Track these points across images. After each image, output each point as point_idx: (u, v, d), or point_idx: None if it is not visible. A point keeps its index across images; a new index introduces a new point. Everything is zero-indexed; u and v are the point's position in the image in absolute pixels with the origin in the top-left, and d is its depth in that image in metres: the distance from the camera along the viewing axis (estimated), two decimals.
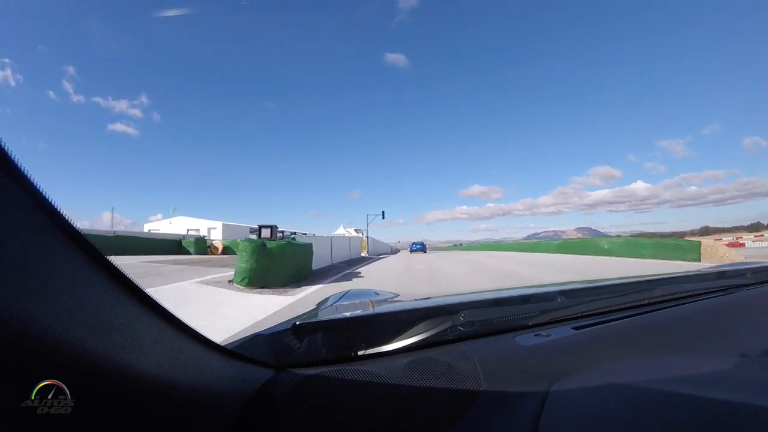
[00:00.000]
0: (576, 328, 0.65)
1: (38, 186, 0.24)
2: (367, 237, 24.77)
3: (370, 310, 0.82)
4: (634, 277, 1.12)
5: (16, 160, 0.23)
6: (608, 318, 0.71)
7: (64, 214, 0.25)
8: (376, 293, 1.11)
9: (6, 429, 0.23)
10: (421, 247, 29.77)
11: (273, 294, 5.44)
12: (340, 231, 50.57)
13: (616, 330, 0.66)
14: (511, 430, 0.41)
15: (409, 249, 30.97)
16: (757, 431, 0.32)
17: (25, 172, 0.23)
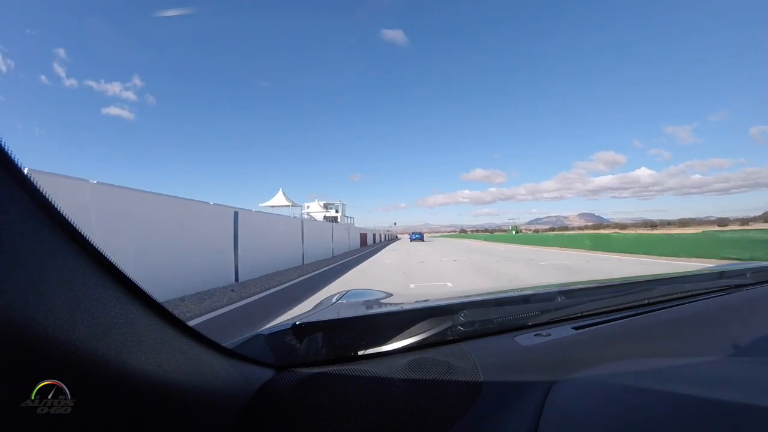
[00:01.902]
0: (576, 328, 0.65)
1: (38, 185, 0.24)
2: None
3: (370, 310, 0.82)
4: (634, 277, 1.12)
5: (15, 159, 0.23)
6: (608, 318, 0.71)
7: (64, 214, 0.25)
8: (376, 293, 1.11)
9: (6, 429, 0.23)
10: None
11: None
12: (277, 201, 23.46)
13: (616, 330, 0.66)
14: (511, 430, 0.41)
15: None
16: (757, 431, 0.32)
17: (25, 171, 0.23)
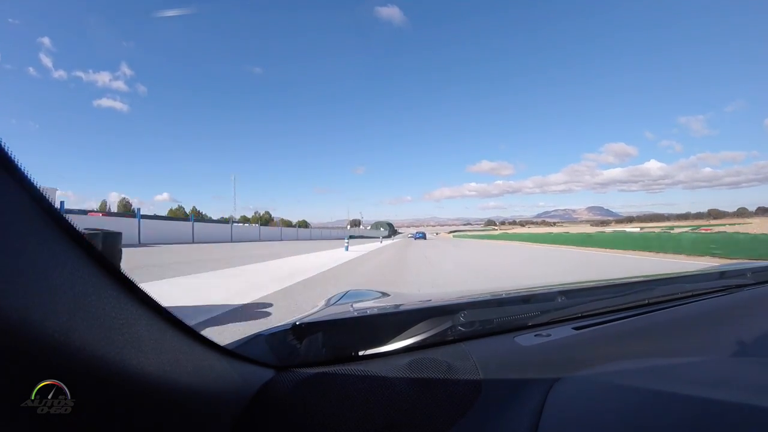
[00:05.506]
0: (576, 329, 0.65)
1: (38, 185, 0.24)
2: None
3: (370, 310, 0.82)
4: (634, 277, 1.12)
5: (15, 159, 0.23)
6: (608, 318, 0.71)
7: (63, 214, 0.25)
8: (376, 293, 1.11)
9: (6, 429, 0.23)
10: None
11: None
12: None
13: (616, 330, 0.66)
14: (512, 430, 0.41)
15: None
16: (757, 431, 0.32)
17: (25, 171, 0.23)
